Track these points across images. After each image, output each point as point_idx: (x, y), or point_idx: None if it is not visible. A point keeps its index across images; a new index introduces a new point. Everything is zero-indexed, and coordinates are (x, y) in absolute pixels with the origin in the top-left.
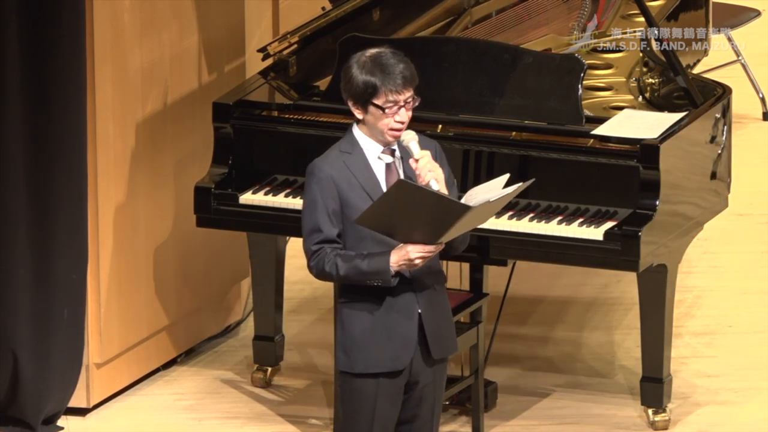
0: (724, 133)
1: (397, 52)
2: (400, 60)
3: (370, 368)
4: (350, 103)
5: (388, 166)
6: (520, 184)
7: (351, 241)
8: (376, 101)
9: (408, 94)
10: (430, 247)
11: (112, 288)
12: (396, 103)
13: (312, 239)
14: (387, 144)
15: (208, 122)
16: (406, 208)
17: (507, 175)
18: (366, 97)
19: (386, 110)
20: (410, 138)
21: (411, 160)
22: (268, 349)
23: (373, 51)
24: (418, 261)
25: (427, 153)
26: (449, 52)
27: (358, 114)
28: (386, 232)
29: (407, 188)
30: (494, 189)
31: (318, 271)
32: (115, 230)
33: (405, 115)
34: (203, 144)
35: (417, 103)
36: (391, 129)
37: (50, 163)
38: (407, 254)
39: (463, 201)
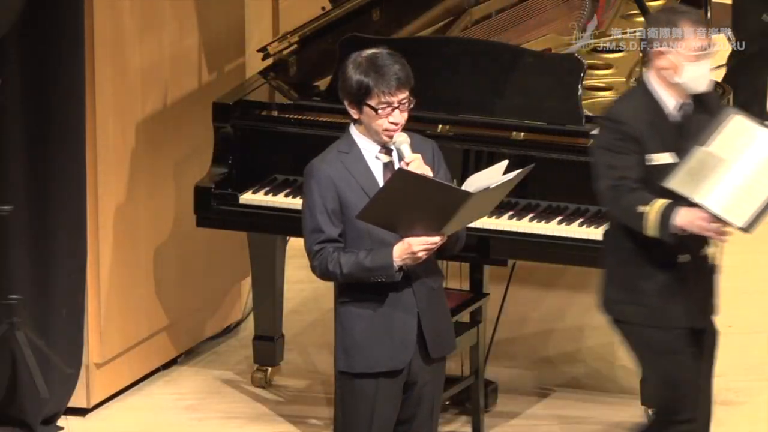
0: None
1: (393, 53)
2: (395, 61)
3: (370, 368)
4: (346, 103)
5: (386, 165)
6: (519, 170)
7: (350, 240)
8: (369, 102)
9: (402, 95)
10: (434, 239)
11: (112, 288)
12: (389, 104)
13: (313, 239)
14: (383, 144)
15: (208, 122)
16: (407, 198)
17: (506, 162)
18: (359, 97)
19: (379, 111)
20: (402, 140)
21: (402, 163)
22: (268, 349)
23: (369, 51)
24: (421, 253)
25: (418, 156)
26: (449, 52)
27: (354, 114)
28: (388, 226)
29: (407, 177)
30: (494, 176)
31: (321, 270)
32: (115, 230)
33: (399, 116)
34: (203, 144)
35: (412, 105)
36: (385, 130)
37: (50, 163)
38: (410, 247)
39: (463, 188)
